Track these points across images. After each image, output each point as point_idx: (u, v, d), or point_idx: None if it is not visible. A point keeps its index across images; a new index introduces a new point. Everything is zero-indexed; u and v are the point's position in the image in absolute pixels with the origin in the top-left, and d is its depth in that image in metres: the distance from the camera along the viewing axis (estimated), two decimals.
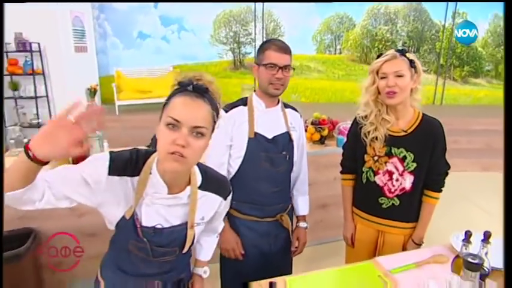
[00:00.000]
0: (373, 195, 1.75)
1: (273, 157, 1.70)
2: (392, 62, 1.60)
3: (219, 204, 1.27)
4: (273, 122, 1.73)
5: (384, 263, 1.54)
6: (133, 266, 1.21)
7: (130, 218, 1.12)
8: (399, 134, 1.66)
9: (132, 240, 1.16)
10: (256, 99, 1.72)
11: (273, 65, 1.59)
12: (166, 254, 1.19)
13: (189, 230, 1.18)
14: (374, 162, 1.72)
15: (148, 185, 1.11)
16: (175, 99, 1.05)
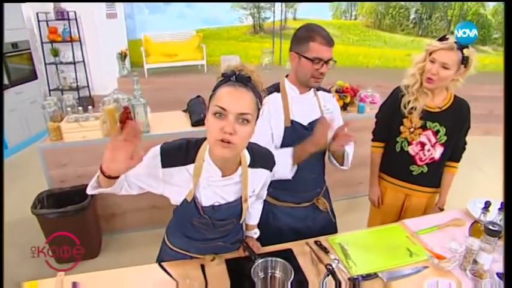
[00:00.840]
0: (405, 163, 1.81)
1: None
2: (445, 53, 1.58)
3: (266, 176, 1.30)
4: (307, 108, 1.56)
5: (410, 225, 1.63)
6: (198, 234, 1.30)
7: (192, 200, 1.18)
8: (434, 109, 1.71)
9: (195, 217, 1.22)
10: (289, 86, 1.53)
11: (319, 59, 1.39)
12: (225, 225, 1.27)
13: (243, 204, 1.24)
14: (409, 134, 1.76)
15: (203, 171, 1.14)
16: (221, 90, 1.04)
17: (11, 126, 4.22)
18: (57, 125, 2.48)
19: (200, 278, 1.27)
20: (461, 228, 1.59)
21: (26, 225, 2.92)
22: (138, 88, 2.65)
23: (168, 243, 1.40)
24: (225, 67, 1.09)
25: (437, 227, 1.60)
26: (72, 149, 2.53)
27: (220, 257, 1.35)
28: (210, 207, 1.20)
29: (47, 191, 2.54)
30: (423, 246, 1.46)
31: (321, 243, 1.46)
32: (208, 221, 1.22)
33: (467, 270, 1.31)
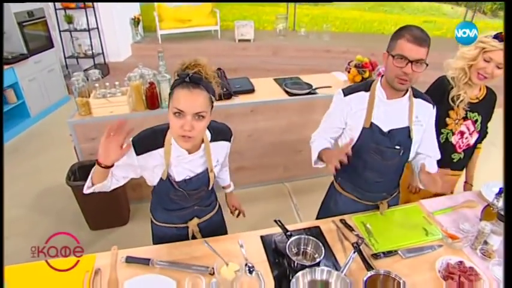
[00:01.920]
0: (448, 153, 1.87)
1: (384, 150, 1.51)
2: (500, 53, 1.57)
3: (227, 146, 1.49)
4: (393, 114, 1.49)
5: (427, 205, 1.75)
6: (175, 205, 1.48)
7: (166, 178, 1.36)
8: (474, 100, 1.78)
9: (171, 192, 1.41)
10: (379, 88, 1.47)
11: (402, 57, 1.29)
12: (198, 193, 1.46)
13: (210, 173, 1.43)
14: (455, 125, 1.83)
15: (172, 152, 1.32)
16: (178, 92, 1.17)
17: (32, 96, 4.32)
18: (85, 101, 2.57)
19: (240, 252, 1.43)
20: (474, 209, 1.71)
21: (57, 193, 3.13)
22: (162, 64, 2.70)
23: (154, 221, 1.61)
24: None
25: (451, 208, 1.73)
26: (101, 123, 2.63)
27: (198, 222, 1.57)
28: (183, 181, 1.38)
29: (78, 163, 2.69)
30: (438, 226, 1.59)
31: (346, 222, 1.60)
32: (183, 193, 1.41)
33: (477, 250, 1.45)
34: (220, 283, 1.28)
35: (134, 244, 2.63)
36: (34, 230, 2.79)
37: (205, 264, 1.37)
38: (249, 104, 2.92)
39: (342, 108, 1.53)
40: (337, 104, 1.56)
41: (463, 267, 1.35)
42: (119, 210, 2.82)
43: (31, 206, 3.07)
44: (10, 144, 4.02)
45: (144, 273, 1.35)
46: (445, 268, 1.36)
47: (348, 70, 3.25)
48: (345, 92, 1.52)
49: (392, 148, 1.51)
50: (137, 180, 2.98)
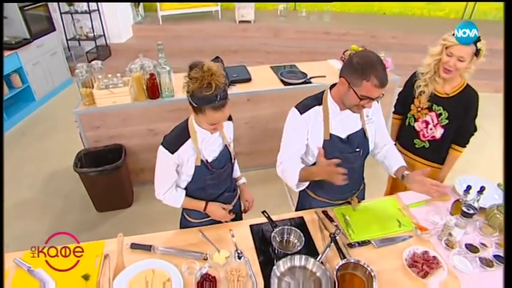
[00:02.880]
0: (410, 136, 2.11)
1: (347, 156, 1.60)
2: (462, 47, 1.72)
3: (231, 125, 1.69)
4: (347, 122, 1.59)
5: (403, 198, 1.92)
6: (210, 193, 1.68)
7: (201, 163, 1.55)
8: (442, 95, 1.92)
9: (207, 177, 1.60)
10: (332, 102, 1.55)
11: (367, 98, 1.39)
12: (225, 171, 1.66)
13: (228, 147, 1.65)
14: (417, 112, 2.03)
15: (198, 138, 1.52)
16: (210, 113, 1.36)
17: (36, 80, 4.44)
18: (89, 91, 2.70)
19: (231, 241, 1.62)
20: (447, 202, 1.88)
21: (65, 176, 3.33)
22: (162, 56, 2.79)
23: (190, 219, 1.78)
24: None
25: (425, 202, 1.89)
26: (104, 113, 2.78)
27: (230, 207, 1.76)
28: (213, 161, 1.59)
29: (84, 150, 2.86)
30: (411, 218, 1.77)
31: (327, 213, 1.78)
32: (215, 173, 1.61)
33: (442, 240, 1.63)
34: (213, 267, 1.47)
35: (138, 224, 2.86)
36: (45, 212, 3.01)
37: (200, 251, 1.56)
38: (246, 93, 3.04)
39: (302, 127, 1.58)
40: (295, 123, 1.59)
41: (427, 256, 1.53)
42: (123, 193, 3.01)
43: (41, 189, 3.28)
44: (17, 128, 4.19)
45: (146, 258, 1.54)
46: (411, 257, 1.54)
47: (343, 59, 3.32)
48: (301, 110, 1.56)
49: (354, 152, 1.64)
50: (140, 164, 3.19)
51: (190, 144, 1.50)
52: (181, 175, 1.60)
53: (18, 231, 2.83)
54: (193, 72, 1.32)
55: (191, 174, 1.58)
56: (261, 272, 1.47)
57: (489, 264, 1.53)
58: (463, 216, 1.60)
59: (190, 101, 1.37)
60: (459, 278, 1.48)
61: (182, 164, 1.54)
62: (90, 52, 5.38)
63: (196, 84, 1.30)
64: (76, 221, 2.94)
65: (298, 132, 1.60)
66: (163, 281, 1.43)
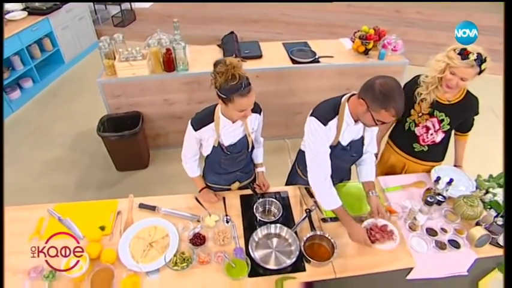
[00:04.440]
0: (409, 141, 2.13)
1: (345, 158, 1.85)
2: (464, 70, 1.72)
3: (257, 117, 1.85)
4: (353, 131, 1.75)
5: (382, 182, 2.13)
6: (223, 169, 1.94)
7: (218, 145, 1.78)
8: (444, 102, 1.94)
9: (222, 156, 1.84)
10: (348, 115, 1.66)
11: (383, 122, 1.56)
12: (241, 156, 1.89)
13: (248, 138, 1.84)
14: (418, 117, 2.03)
15: (220, 124, 1.72)
16: (239, 100, 1.53)
17: (65, 43, 4.76)
18: (111, 63, 2.97)
19: (222, 207, 1.92)
20: (421, 189, 2.07)
21: (90, 137, 3.70)
22: (177, 33, 2.99)
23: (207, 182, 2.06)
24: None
25: (401, 187, 2.09)
26: (124, 83, 3.06)
27: (234, 192, 2.03)
28: (229, 145, 1.81)
29: (106, 115, 3.19)
30: (384, 201, 1.98)
31: (309, 190, 2.02)
32: (230, 156, 1.84)
33: (406, 223, 1.85)
34: (203, 228, 1.78)
35: (153, 184, 3.23)
36: (73, 168, 3.44)
37: (195, 214, 1.87)
38: (256, 70, 3.19)
39: (327, 137, 1.68)
40: (320, 134, 1.67)
41: (384, 228, 1.76)
42: (140, 156, 3.37)
43: (70, 147, 3.70)
44: (49, 89, 4.59)
45: (151, 216, 1.87)
46: (370, 226, 1.78)
47: (353, 40, 3.38)
48: (323, 122, 1.65)
49: (350, 156, 1.85)
50: (156, 130, 3.51)
51: (212, 127, 1.73)
52: (203, 148, 1.87)
53: (52, 182, 3.28)
54: (218, 67, 1.51)
55: (209, 150, 1.84)
56: (244, 236, 1.77)
57: (443, 247, 1.75)
58: (426, 204, 1.80)
59: (219, 94, 1.56)
60: (413, 256, 1.72)
61: (203, 140, 1.80)
62: (116, 16, 5.60)
63: (223, 77, 1.49)
64: (99, 178, 3.35)
65: (325, 144, 1.70)
66: (163, 236, 1.76)
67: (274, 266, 1.62)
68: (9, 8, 4.19)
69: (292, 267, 1.63)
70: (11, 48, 3.95)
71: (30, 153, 3.61)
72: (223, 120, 1.72)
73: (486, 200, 1.99)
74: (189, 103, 3.28)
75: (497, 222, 1.82)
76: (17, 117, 4.12)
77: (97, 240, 1.74)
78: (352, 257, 1.70)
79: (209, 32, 5.28)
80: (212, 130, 1.74)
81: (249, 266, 1.59)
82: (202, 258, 1.64)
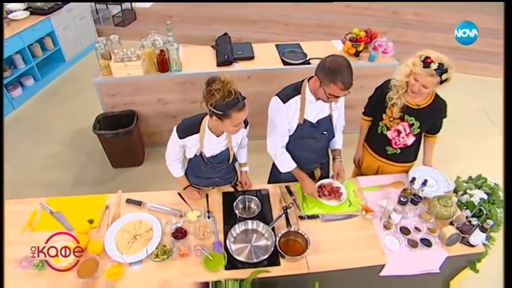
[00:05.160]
0: (382, 144, 2.20)
1: (316, 136, 1.99)
2: (425, 78, 1.80)
3: (243, 131, 1.92)
4: (319, 108, 1.90)
5: (361, 181, 2.21)
6: (203, 174, 2.03)
7: (200, 154, 1.87)
8: (414, 106, 2.00)
9: (202, 164, 1.93)
10: (309, 93, 1.82)
11: (334, 96, 1.71)
12: (221, 166, 1.97)
13: (230, 151, 1.92)
14: (389, 121, 2.10)
15: (205, 137, 1.79)
16: (235, 115, 1.59)
17: (66, 42, 4.89)
18: (107, 63, 3.08)
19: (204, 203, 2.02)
20: (399, 189, 2.14)
21: (88, 134, 3.77)
22: (171, 34, 3.09)
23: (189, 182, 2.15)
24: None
25: (380, 186, 2.17)
26: (120, 83, 3.17)
27: (219, 188, 2.11)
28: (211, 157, 1.89)
29: (102, 114, 3.30)
30: (361, 200, 2.07)
31: (289, 188, 2.12)
32: (210, 165, 1.92)
33: (381, 222, 1.94)
34: (186, 222, 1.88)
35: (147, 181, 3.33)
36: (71, 164, 3.56)
37: (178, 209, 1.98)
38: (247, 71, 3.29)
39: (284, 114, 1.87)
40: (280, 111, 1.87)
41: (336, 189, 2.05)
42: (135, 153, 3.48)
43: (68, 144, 3.83)
44: (50, 87, 4.73)
45: (137, 211, 1.98)
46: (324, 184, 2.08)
47: (344, 42, 3.45)
48: (284, 100, 1.85)
49: (321, 134, 1.98)
50: (151, 129, 3.61)
51: (196, 137, 1.80)
52: (187, 153, 1.94)
53: (50, 178, 3.40)
54: (214, 85, 1.55)
55: (191, 156, 1.92)
56: (223, 231, 1.87)
57: (414, 245, 1.83)
58: (399, 203, 1.88)
59: (214, 111, 1.58)
60: (386, 254, 1.80)
61: (186, 147, 1.88)
62: (116, 16, 5.72)
63: (220, 94, 1.53)
64: (95, 174, 3.47)
65: (284, 119, 1.89)
66: (147, 229, 1.86)
67: (250, 260, 1.71)
68: (11, 8, 4.32)
69: (268, 261, 1.72)
70: (13, 47, 4.08)
71: (29, 149, 3.74)
72: (208, 134, 1.79)
73: (463, 200, 2.07)
74: (183, 103, 3.38)
75: (471, 222, 1.90)
76: (18, 114, 4.26)
77: (85, 233, 1.85)
78: (326, 253, 1.79)
79: (208, 32, 5.36)
80: (196, 140, 1.81)
81: (225, 259, 1.69)
82: (183, 251, 1.74)
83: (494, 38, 4.93)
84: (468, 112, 4.23)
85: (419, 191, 1.97)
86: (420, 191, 1.98)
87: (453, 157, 3.61)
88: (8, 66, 4.15)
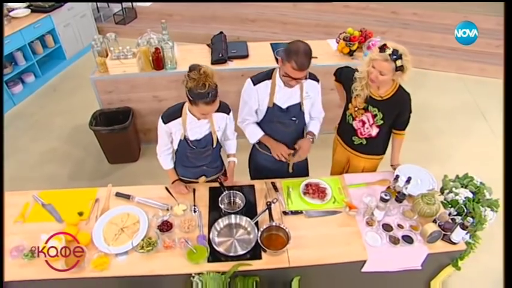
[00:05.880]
0: (349, 133, 2.29)
1: (283, 121, 2.07)
2: (381, 63, 1.86)
3: (226, 117, 2.00)
4: (289, 96, 2.01)
5: (347, 178, 2.25)
6: (191, 163, 2.09)
7: (184, 139, 1.93)
8: (377, 98, 2.06)
9: (187, 150, 1.99)
10: (278, 78, 1.94)
11: (289, 76, 1.81)
12: (206, 151, 2.03)
13: (213, 135, 1.98)
14: (354, 111, 2.17)
15: (187, 120, 1.87)
16: (202, 106, 1.70)
17: (66, 40, 4.97)
18: (103, 60, 3.14)
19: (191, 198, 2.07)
20: (384, 186, 2.17)
21: (85, 130, 3.83)
22: (166, 33, 3.14)
23: (178, 176, 2.21)
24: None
25: (365, 184, 2.20)
26: (116, 80, 3.23)
27: (206, 184, 2.16)
28: (195, 140, 1.96)
29: (99, 110, 3.37)
30: (345, 197, 2.10)
31: (274, 184, 2.16)
32: (195, 150, 1.99)
33: (364, 218, 1.97)
34: (172, 216, 1.93)
35: (142, 176, 3.38)
36: (68, 160, 3.64)
37: (165, 203, 2.03)
38: (241, 69, 3.33)
39: (254, 95, 2.01)
40: (248, 92, 2.02)
41: (322, 189, 2.11)
42: (130, 149, 3.54)
43: (66, 140, 3.90)
44: (50, 84, 4.81)
45: (126, 204, 2.03)
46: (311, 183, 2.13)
47: (338, 41, 3.47)
48: (254, 82, 1.99)
49: (290, 120, 2.06)
50: (147, 125, 3.67)
51: (179, 121, 1.90)
52: (173, 142, 2.02)
53: (47, 173, 3.48)
54: (192, 73, 1.67)
55: (177, 143, 1.99)
56: (208, 224, 1.91)
57: (396, 241, 1.87)
58: (381, 201, 1.92)
59: (187, 94, 1.71)
60: (367, 250, 1.84)
61: (172, 133, 1.96)
62: (117, 14, 5.80)
63: (193, 83, 1.65)
64: (92, 169, 3.54)
65: (252, 98, 2.03)
66: (134, 222, 1.92)
67: (233, 253, 1.76)
68: (12, 6, 4.41)
69: (250, 255, 1.77)
70: (14, 44, 4.17)
71: (29, 144, 3.82)
72: (190, 117, 1.88)
73: (449, 199, 2.10)
74: (178, 100, 3.30)
75: (455, 220, 1.93)
76: (18, 110, 4.35)
77: (74, 224, 1.91)
78: (307, 248, 1.83)
79: (208, 31, 5.39)
80: (179, 124, 1.90)
81: (208, 252, 1.74)
82: (167, 243, 1.80)
83: (493, 39, 4.93)
84: (464, 112, 4.24)
85: (403, 188, 2.00)
86: (404, 189, 2.01)
87: (447, 156, 3.63)
88: (8, 63, 4.23)
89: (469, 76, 4.86)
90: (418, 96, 4.70)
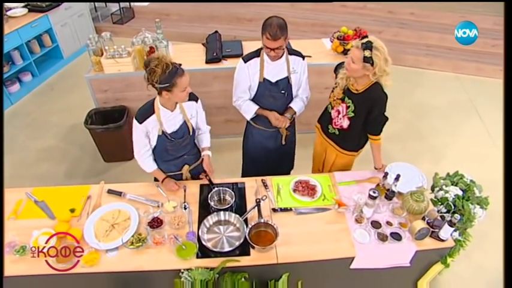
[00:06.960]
0: (326, 121, 2.35)
1: (274, 95, 2.26)
2: (353, 50, 1.94)
3: (195, 105, 2.07)
4: (277, 70, 2.21)
5: (337, 176, 2.27)
6: (171, 156, 2.12)
7: (162, 133, 1.96)
8: (353, 91, 2.10)
9: (167, 144, 2.02)
10: (265, 55, 2.15)
11: (266, 47, 2.02)
12: (184, 141, 2.07)
13: (188, 123, 2.03)
14: (333, 100, 2.24)
15: (161, 114, 1.91)
16: (181, 80, 1.76)
17: (64, 39, 5.00)
18: (98, 59, 3.17)
19: (182, 195, 2.10)
20: (374, 184, 2.20)
21: (82, 129, 3.85)
22: (160, 32, 3.17)
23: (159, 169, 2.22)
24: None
25: (355, 182, 2.22)
26: (111, 79, 3.26)
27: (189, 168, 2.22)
28: (172, 132, 1.99)
29: (94, 109, 3.40)
30: (335, 194, 2.12)
31: (265, 181, 2.18)
32: (174, 142, 2.03)
33: (353, 216, 1.99)
34: (163, 213, 1.96)
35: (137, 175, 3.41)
36: (64, 158, 3.66)
37: (156, 200, 2.05)
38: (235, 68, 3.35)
39: (245, 72, 2.20)
40: (240, 70, 2.22)
41: (312, 186, 2.15)
42: (125, 148, 3.51)
43: (62, 138, 3.93)
44: (47, 83, 4.84)
45: (117, 201, 2.06)
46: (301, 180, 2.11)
47: (332, 40, 3.49)
48: (245, 60, 2.21)
49: (279, 93, 2.26)
50: None
51: (154, 118, 1.92)
52: (150, 140, 2.04)
53: (44, 170, 3.51)
54: (152, 63, 1.72)
55: (155, 140, 2.02)
56: (198, 221, 1.94)
57: (384, 238, 1.89)
58: (369, 198, 1.94)
59: (160, 86, 1.76)
60: (355, 247, 1.86)
61: (149, 132, 1.98)
62: (115, 14, 5.83)
63: (160, 68, 1.70)
64: (87, 167, 3.56)
65: (244, 77, 2.23)
66: (125, 219, 1.94)
67: (221, 249, 1.78)
68: (10, 5, 4.44)
69: (239, 251, 1.79)
70: (11, 43, 4.19)
71: (26, 143, 3.85)
72: (163, 110, 1.93)
73: (438, 196, 2.12)
74: None
75: (444, 217, 1.95)
76: (16, 109, 4.38)
77: (66, 221, 1.94)
78: (296, 245, 1.85)
79: (204, 31, 5.42)
80: (155, 121, 1.93)
81: (197, 248, 1.76)
82: (157, 239, 1.82)
83: (489, 38, 4.94)
84: (459, 111, 4.25)
85: (392, 185, 2.02)
86: (393, 186, 2.03)
87: (441, 155, 3.65)
88: (6, 62, 4.26)
89: (465, 75, 4.87)
90: (414, 96, 4.83)
